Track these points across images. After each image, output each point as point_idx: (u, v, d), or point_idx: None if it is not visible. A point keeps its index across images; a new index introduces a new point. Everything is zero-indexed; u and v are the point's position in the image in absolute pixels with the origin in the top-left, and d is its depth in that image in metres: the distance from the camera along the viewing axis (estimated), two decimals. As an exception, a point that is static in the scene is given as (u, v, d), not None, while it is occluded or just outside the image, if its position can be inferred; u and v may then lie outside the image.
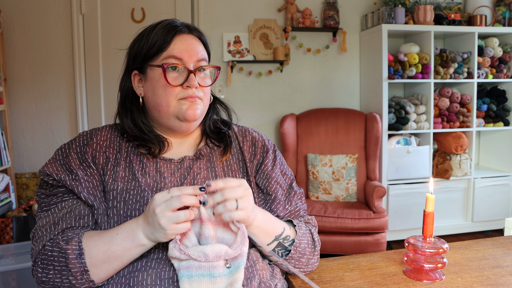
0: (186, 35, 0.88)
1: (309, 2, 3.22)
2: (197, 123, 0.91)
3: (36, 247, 0.78)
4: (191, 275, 0.71)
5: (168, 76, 0.85)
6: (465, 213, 3.23)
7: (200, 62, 0.88)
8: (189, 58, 0.86)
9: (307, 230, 0.92)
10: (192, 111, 0.86)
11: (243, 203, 0.74)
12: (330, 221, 2.52)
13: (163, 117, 0.88)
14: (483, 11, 3.26)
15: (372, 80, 3.18)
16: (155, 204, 0.71)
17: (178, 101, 0.86)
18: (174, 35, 0.86)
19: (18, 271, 1.92)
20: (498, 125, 3.28)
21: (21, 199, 2.90)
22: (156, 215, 0.70)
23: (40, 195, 0.85)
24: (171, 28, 0.87)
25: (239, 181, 0.76)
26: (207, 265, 0.71)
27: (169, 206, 0.70)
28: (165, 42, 0.85)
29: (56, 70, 2.92)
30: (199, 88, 0.87)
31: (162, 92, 0.85)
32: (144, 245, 0.74)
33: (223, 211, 0.73)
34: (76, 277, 0.74)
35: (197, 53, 0.87)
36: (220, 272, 0.72)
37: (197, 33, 0.91)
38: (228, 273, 0.73)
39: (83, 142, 0.87)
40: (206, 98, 0.90)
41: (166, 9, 3.03)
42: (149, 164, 0.87)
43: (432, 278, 0.89)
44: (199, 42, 0.90)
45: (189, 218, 0.71)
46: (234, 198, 0.73)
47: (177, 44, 0.86)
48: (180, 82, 0.85)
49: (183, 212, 0.70)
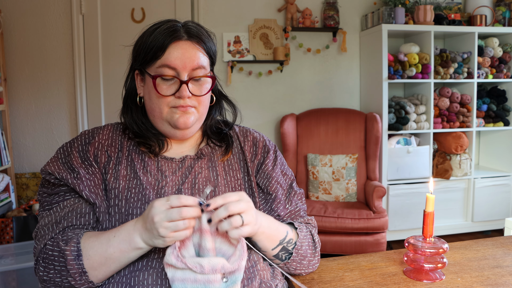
0: (184, 41, 0.85)
1: (309, 2, 3.22)
2: (192, 130, 0.90)
3: (38, 246, 0.79)
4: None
5: (160, 85, 0.84)
6: (465, 213, 3.23)
7: (195, 71, 0.85)
8: (183, 68, 0.84)
9: (307, 231, 0.93)
10: (183, 120, 0.85)
11: (248, 217, 0.73)
12: (330, 221, 2.52)
13: (157, 122, 0.88)
14: (483, 11, 3.26)
15: (372, 80, 3.18)
16: (154, 212, 0.70)
17: (170, 108, 0.85)
18: (170, 41, 0.84)
19: (18, 271, 1.92)
20: (498, 125, 3.28)
21: (21, 199, 2.90)
22: (155, 224, 0.69)
23: (42, 194, 0.86)
24: (169, 33, 0.84)
25: (238, 195, 0.75)
26: (202, 279, 0.70)
27: (168, 218, 0.69)
28: (160, 49, 0.84)
29: (56, 70, 2.92)
30: (193, 98, 0.86)
31: (156, 99, 0.85)
32: (141, 249, 0.74)
33: (229, 228, 0.72)
34: (74, 278, 0.74)
35: (193, 61, 0.84)
36: (216, 287, 0.70)
37: (196, 39, 0.87)
38: (225, 287, 0.71)
39: (85, 141, 0.88)
40: (202, 106, 0.88)
41: (166, 9, 3.03)
42: (151, 162, 0.87)
43: (432, 278, 0.89)
44: (199, 49, 0.87)
45: (188, 227, 0.70)
46: (238, 213, 0.72)
47: (172, 52, 0.84)
48: (172, 92, 0.84)
49: (182, 221, 0.69)
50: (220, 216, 0.71)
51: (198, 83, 0.87)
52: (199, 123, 0.91)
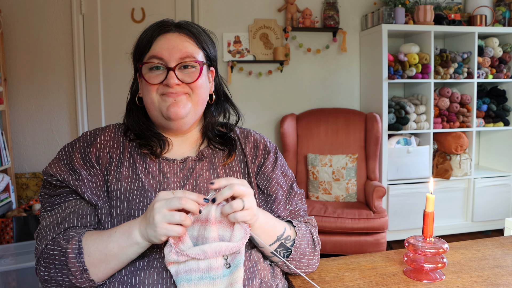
0: (172, 34, 0.87)
1: (309, 2, 3.22)
2: (187, 121, 0.89)
3: (39, 247, 0.79)
4: (190, 279, 0.71)
5: (150, 75, 0.86)
6: (465, 213, 3.23)
7: (184, 60, 0.86)
8: (170, 57, 0.85)
9: (307, 230, 0.93)
10: (174, 110, 0.85)
11: (248, 202, 0.74)
12: (330, 221, 2.52)
13: (153, 115, 0.89)
14: (483, 11, 3.26)
15: (372, 80, 3.18)
16: (156, 199, 0.72)
17: (160, 96, 0.87)
18: (158, 34, 0.87)
19: (18, 271, 1.92)
20: (498, 125, 3.28)
21: (21, 199, 2.90)
22: (153, 210, 0.70)
23: (43, 195, 0.86)
24: (157, 28, 0.88)
25: (240, 180, 0.76)
26: (206, 267, 0.71)
27: (168, 204, 0.70)
28: (148, 42, 0.87)
29: (56, 70, 2.92)
30: (184, 85, 0.86)
31: (146, 90, 0.87)
32: (138, 244, 0.74)
33: (230, 211, 0.73)
34: (75, 276, 0.74)
35: (180, 50, 0.86)
36: (220, 274, 0.71)
37: (185, 31, 0.88)
38: (228, 273, 0.72)
39: (87, 142, 0.88)
40: (196, 95, 0.88)
41: (166, 9, 3.03)
42: (152, 164, 0.87)
43: (432, 278, 0.89)
44: (188, 39, 0.88)
45: (183, 222, 0.70)
46: (241, 196, 0.74)
47: (158, 44, 0.86)
48: (160, 80, 0.86)
49: (179, 214, 0.70)
50: (224, 194, 0.73)
51: (188, 70, 0.87)
52: (195, 113, 0.90)
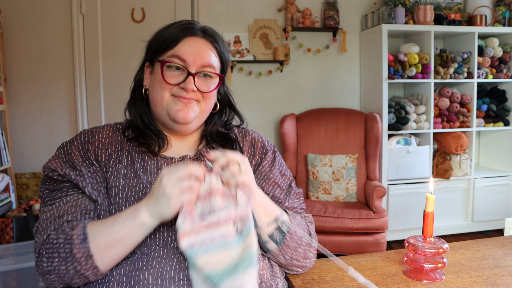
0: (198, 38, 0.88)
1: (309, 2, 3.22)
2: (192, 126, 0.90)
3: (40, 239, 0.78)
4: (207, 249, 0.73)
5: (167, 73, 0.86)
6: (465, 213, 3.23)
7: (204, 68, 0.87)
8: (193, 62, 0.86)
9: (303, 220, 0.93)
10: (183, 114, 0.86)
11: (245, 166, 0.78)
12: (330, 221, 2.52)
13: (158, 112, 0.89)
14: (483, 11, 3.26)
15: (372, 80, 3.18)
16: (163, 174, 0.74)
17: (171, 97, 0.87)
18: (185, 35, 0.87)
19: (18, 271, 1.92)
20: (498, 125, 3.28)
21: (21, 199, 2.90)
22: (162, 184, 0.73)
23: (43, 191, 0.85)
24: (184, 28, 0.87)
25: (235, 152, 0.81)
26: (219, 235, 0.73)
27: (176, 173, 0.73)
28: (174, 40, 0.87)
29: (56, 70, 2.92)
30: (197, 92, 0.87)
31: (158, 86, 0.87)
32: (145, 224, 0.74)
33: (229, 175, 0.76)
34: (80, 263, 0.73)
35: (204, 58, 0.87)
36: (233, 240, 0.74)
37: (211, 38, 0.89)
38: (241, 239, 0.75)
39: (85, 140, 0.88)
40: (205, 104, 0.89)
41: (166, 9, 3.03)
42: (150, 162, 0.87)
43: (432, 278, 0.89)
44: (211, 49, 0.89)
45: (192, 187, 0.73)
46: (236, 161, 0.77)
47: (184, 45, 0.86)
48: (177, 82, 0.86)
49: (188, 182, 0.73)
50: (220, 161, 0.76)
51: (205, 80, 0.89)
52: (199, 120, 0.91)
